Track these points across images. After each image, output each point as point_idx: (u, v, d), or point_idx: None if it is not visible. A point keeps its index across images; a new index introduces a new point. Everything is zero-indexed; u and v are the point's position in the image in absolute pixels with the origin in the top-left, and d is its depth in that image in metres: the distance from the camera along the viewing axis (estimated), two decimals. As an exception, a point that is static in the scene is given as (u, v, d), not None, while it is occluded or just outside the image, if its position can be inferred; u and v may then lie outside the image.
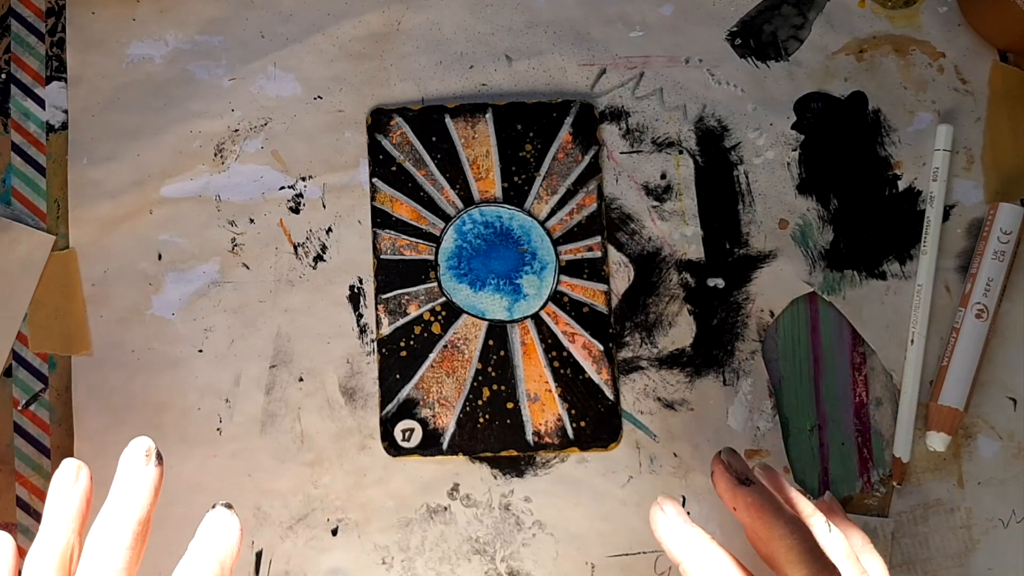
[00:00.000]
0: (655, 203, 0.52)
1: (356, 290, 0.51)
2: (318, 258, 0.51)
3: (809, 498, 0.44)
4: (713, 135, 0.52)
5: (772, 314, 0.51)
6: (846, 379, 0.51)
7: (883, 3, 0.53)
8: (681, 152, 0.52)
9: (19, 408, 0.50)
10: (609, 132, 0.52)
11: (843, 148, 0.52)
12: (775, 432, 0.50)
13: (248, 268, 0.51)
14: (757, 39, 0.53)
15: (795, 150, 0.52)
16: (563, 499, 0.50)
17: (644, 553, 0.49)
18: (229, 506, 0.40)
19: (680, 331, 0.51)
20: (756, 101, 0.52)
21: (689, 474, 0.50)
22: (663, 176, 0.52)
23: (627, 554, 0.49)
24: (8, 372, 0.51)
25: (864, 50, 0.53)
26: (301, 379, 0.50)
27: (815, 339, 0.51)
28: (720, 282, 0.51)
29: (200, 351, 0.51)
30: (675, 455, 0.50)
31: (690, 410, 0.50)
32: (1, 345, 0.50)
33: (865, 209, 0.52)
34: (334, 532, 0.50)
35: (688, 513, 0.49)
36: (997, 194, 0.52)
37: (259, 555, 0.49)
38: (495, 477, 0.50)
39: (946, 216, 0.52)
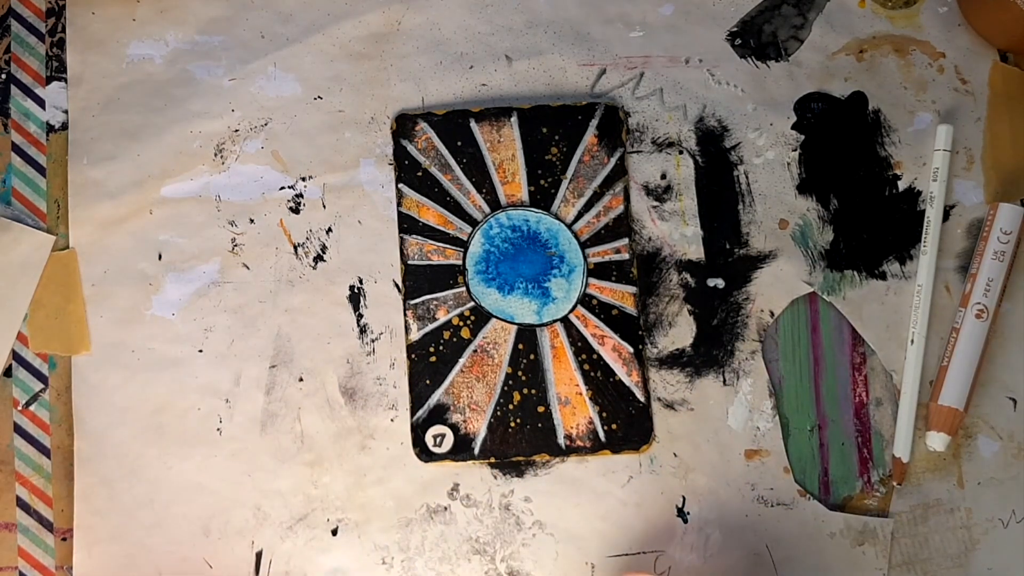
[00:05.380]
0: (655, 203, 0.52)
1: (356, 290, 0.51)
2: (318, 258, 0.51)
3: None
4: (713, 135, 0.52)
5: (772, 314, 0.51)
6: (846, 379, 0.51)
7: (883, 3, 0.53)
8: (681, 152, 0.52)
9: (19, 408, 0.50)
10: (609, 132, 0.52)
11: (843, 148, 0.52)
12: (775, 432, 0.50)
13: (248, 268, 0.51)
14: (757, 39, 0.53)
15: (795, 150, 0.52)
16: (563, 499, 0.50)
17: (644, 553, 0.49)
18: None
19: (680, 331, 0.51)
20: (756, 101, 0.52)
21: (689, 474, 0.50)
22: (663, 176, 0.52)
23: (627, 554, 0.49)
24: (8, 372, 0.51)
25: (864, 50, 0.53)
26: (301, 379, 0.51)
27: (815, 339, 0.51)
28: (720, 282, 0.51)
29: (200, 351, 0.51)
30: (675, 455, 0.50)
31: (690, 410, 0.50)
32: (1, 345, 0.50)
33: (865, 209, 0.52)
34: (334, 532, 0.50)
35: (688, 514, 0.49)
36: (997, 194, 0.52)
37: (259, 555, 0.49)
38: (495, 477, 0.50)
39: (946, 216, 0.52)
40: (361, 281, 0.51)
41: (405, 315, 0.51)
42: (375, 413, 0.50)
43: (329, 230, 0.52)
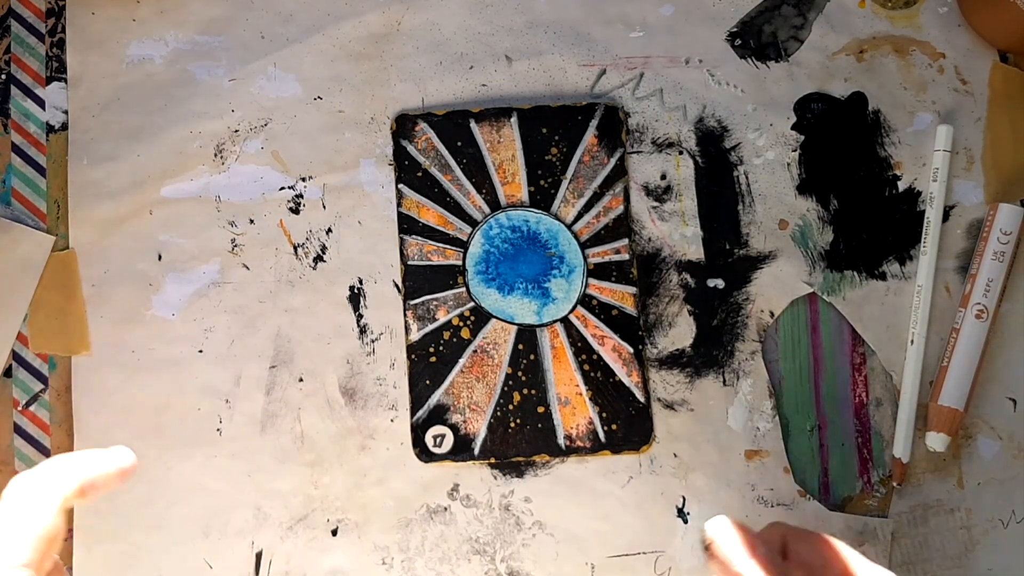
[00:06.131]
0: (655, 203, 0.52)
1: (356, 290, 0.51)
2: (318, 258, 0.51)
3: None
4: (713, 135, 0.52)
5: (772, 314, 0.51)
6: (846, 379, 0.51)
7: (883, 3, 0.53)
8: (681, 152, 0.52)
9: (19, 408, 0.50)
10: (609, 132, 0.52)
11: (843, 148, 0.52)
12: (775, 432, 0.50)
13: (248, 268, 0.51)
14: (757, 39, 0.53)
15: (795, 150, 0.52)
16: (563, 499, 0.50)
17: (644, 553, 0.49)
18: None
19: (680, 331, 0.51)
20: (756, 101, 0.52)
21: (689, 474, 0.50)
22: (663, 176, 0.52)
23: (627, 554, 0.49)
24: (8, 372, 0.51)
25: (864, 50, 0.53)
26: (301, 379, 0.50)
27: (815, 339, 0.51)
28: (720, 282, 0.51)
29: (200, 351, 0.51)
30: (675, 455, 0.50)
31: (690, 410, 0.50)
32: (1, 345, 0.50)
33: (865, 209, 0.52)
34: (334, 532, 0.50)
35: (688, 514, 0.49)
36: (997, 194, 0.52)
37: (259, 555, 0.49)
38: (495, 477, 0.50)
39: (946, 216, 0.52)
40: (361, 281, 0.51)
41: (405, 315, 0.51)
42: (375, 413, 0.50)
43: (329, 230, 0.52)
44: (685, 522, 0.50)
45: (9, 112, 0.52)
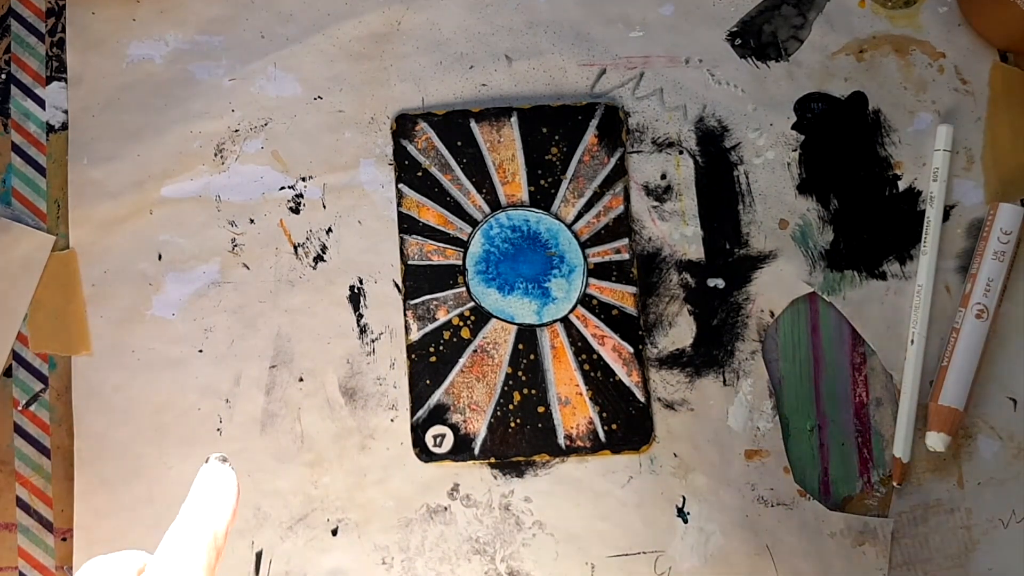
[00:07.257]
0: (655, 203, 0.52)
1: (356, 290, 0.51)
2: (318, 258, 0.51)
3: None
4: (713, 135, 0.52)
5: (772, 314, 0.51)
6: (846, 379, 0.51)
7: (883, 3, 0.53)
8: (681, 152, 0.52)
9: (19, 408, 0.50)
10: (609, 132, 0.52)
11: (843, 148, 0.52)
12: (775, 432, 0.50)
13: (248, 268, 0.51)
14: (757, 39, 0.53)
15: (795, 150, 0.52)
16: (563, 499, 0.50)
17: (644, 553, 0.49)
18: (224, 459, 0.39)
19: (680, 331, 0.51)
20: (756, 101, 0.52)
21: (689, 474, 0.50)
22: (663, 176, 0.52)
23: (627, 554, 0.49)
24: (8, 372, 0.51)
25: (864, 50, 0.53)
26: (301, 379, 0.51)
27: (815, 339, 0.51)
28: (720, 282, 0.51)
29: (200, 351, 0.51)
30: (675, 455, 0.50)
31: (690, 410, 0.50)
32: (1, 345, 0.50)
33: (865, 209, 0.52)
34: (334, 532, 0.50)
35: (688, 514, 0.49)
36: (997, 194, 0.52)
37: (259, 555, 0.49)
38: (495, 477, 0.50)
39: (946, 216, 0.52)
40: (361, 281, 0.51)
41: (405, 315, 0.51)
42: (375, 413, 0.50)
43: (329, 230, 0.52)
44: (685, 522, 0.50)
45: (9, 112, 0.52)
